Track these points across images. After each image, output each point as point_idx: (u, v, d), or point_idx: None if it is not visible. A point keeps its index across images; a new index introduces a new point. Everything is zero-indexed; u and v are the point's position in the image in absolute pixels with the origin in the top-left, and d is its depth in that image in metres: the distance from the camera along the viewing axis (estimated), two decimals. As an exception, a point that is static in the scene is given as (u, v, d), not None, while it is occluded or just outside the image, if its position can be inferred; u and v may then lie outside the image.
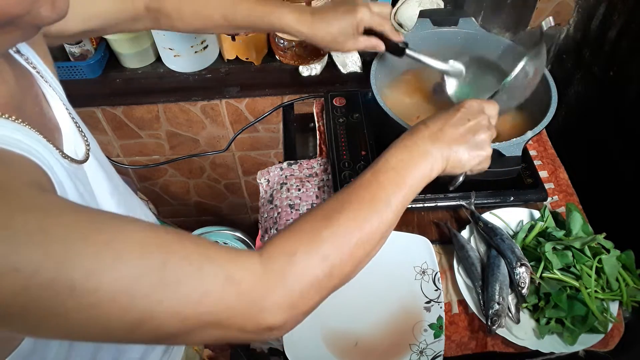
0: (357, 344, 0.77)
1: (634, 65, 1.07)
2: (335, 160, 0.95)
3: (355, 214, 0.49)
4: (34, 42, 0.55)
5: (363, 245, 0.49)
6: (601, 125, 1.21)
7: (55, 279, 0.33)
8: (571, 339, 0.74)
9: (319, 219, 0.49)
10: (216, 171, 1.63)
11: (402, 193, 0.53)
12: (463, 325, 0.81)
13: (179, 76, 1.28)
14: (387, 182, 0.53)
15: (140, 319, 0.37)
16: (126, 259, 0.36)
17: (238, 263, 0.42)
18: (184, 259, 0.39)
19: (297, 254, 0.45)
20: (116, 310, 0.36)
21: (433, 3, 1.23)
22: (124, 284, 0.36)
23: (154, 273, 0.37)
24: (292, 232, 0.47)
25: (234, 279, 0.41)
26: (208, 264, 0.40)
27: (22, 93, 0.48)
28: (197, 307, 0.39)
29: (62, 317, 0.35)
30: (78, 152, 0.54)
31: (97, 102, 1.31)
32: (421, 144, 0.57)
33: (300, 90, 1.26)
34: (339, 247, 0.47)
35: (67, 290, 0.33)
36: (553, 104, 0.83)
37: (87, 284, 0.34)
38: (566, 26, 1.32)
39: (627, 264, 0.80)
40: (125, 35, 1.21)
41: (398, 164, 0.55)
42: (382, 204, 0.51)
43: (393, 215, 0.52)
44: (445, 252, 0.89)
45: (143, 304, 0.37)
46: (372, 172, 0.54)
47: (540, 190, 0.92)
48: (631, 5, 1.07)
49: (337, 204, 0.50)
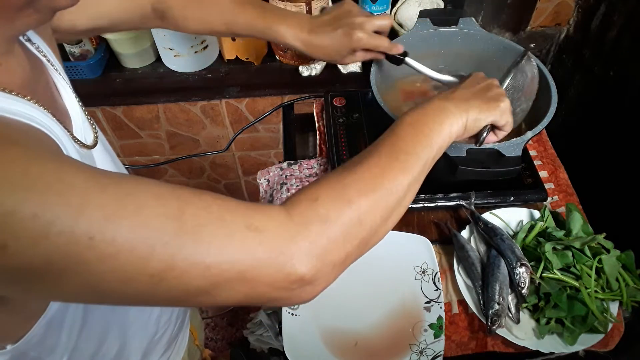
0: (357, 344, 0.77)
1: (634, 65, 1.07)
2: (335, 160, 0.95)
3: (376, 163, 0.49)
4: (44, 35, 0.56)
5: (389, 193, 0.47)
6: (601, 125, 1.21)
7: (74, 227, 0.33)
8: (571, 339, 0.74)
9: (339, 172, 0.48)
10: (216, 171, 1.63)
11: (422, 144, 0.52)
12: (463, 325, 0.81)
13: (179, 76, 1.28)
14: (404, 134, 0.53)
15: (162, 269, 0.36)
16: (144, 208, 0.36)
17: (259, 212, 0.41)
18: (202, 209, 0.39)
19: (320, 199, 0.44)
20: (136, 259, 0.35)
21: (433, 3, 1.23)
22: (142, 233, 0.35)
23: (172, 222, 0.37)
24: (313, 184, 0.47)
25: (256, 226, 0.40)
26: (228, 213, 0.40)
27: (36, 78, 0.49)
28: (219, 256, 0.38)
29: (83, 270, 0.34)
30: (87, 138, 0.55)
31: (97, 102, 1.31)
32: (435, 102, 0.58)
33: (300, 90, 1.26)
34: (363, 192, 0.46)
35: (86, 239, 0.33)
36: (553, 104, 0.83)
37: (106, 233, 0.34)
38: (566, 26, 1.32)
39: (627, 264, 0.80)
40: (125, 35, 1.21)
41: (413, 119, 0.55)
42: (402, 153, 0.50)
43: (416, 164, 0.51)
44: (445, 252, 0.89)
45: (163, 252, 0.36)
46: (388, 131, 0.54)
47: (540, 190, 0.92)
48: (631, 5, 1.07)
49: (357, 159, 0.50)
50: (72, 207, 0.33)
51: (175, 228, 0.37)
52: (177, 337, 0.77)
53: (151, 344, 0.69)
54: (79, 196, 0.34)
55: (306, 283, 0.42)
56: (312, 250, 0.42)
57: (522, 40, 1.32)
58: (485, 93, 0.62)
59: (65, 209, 0.33)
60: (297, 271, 0.41)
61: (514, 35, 1.31)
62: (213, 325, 1.84)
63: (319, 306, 0.80)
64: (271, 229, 0.41)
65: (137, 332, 0.64)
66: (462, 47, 0.97)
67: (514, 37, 1.31)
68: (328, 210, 0.43)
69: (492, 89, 0.63)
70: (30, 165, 0.33)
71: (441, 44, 0.96)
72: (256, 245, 0.39)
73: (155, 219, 0.36)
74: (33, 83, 0.48)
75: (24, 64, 0.47)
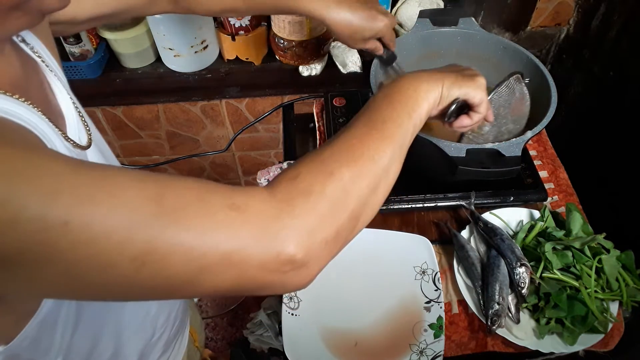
0: (357, 344, 0.77)
1: (634, 65, 1.07)
2: (335, 160, 0.95)
3: (353, 134, 0.48)
4: (40, 33, 0.55)
5: (371, 161, 0.46)
6: (601, 125, 1.21)
7: (46, 213, 0.31)
8: (571, 339, 0.74)
9: (317, 149, 0.47)
10: (216, 171, 1.63)
11: (398, 110, 0.52)
12: (463, 325, 0.81)
13: (179, 76, 1.28)
14: (379, 106, 0.52)
15: (141, 253, 0.35)
16: (121, 190, 0.35)
17: (240, 192, 0.40)
18: (182, 189, 0.37)
19: (300, 175, 0.43)
20: (114, 244, 0.34)
21: (433, 3, 1.23)
22: (119, 216, 0.34)
23: (151, 204, 0.35)
24: (293, 164, 0.46)
25: (238, 206, 0.38)
26: (208, 194, 0.38)
27: (27, 79, 0.49)
28: (201, 238, 0.36)
29: (57, 258, 0.33)
30: (81, 139, 0.55)
31: (97, 102, 1.31)
32: (407, 75, 0.58)
33: (300, 90, 1.26)
34: (344, 162, 0.44)
35: (60, 226, 0.32)
36: (553, 104, 0.83)
37: (81, 217, 0.32)
38: (566, 26, 1.32)
39: (627, 264, 0.80)
40: (125, 35, 1.21)
41: (385, 92, 0.54)
42: (379, 122, 0.50)
43: (396, 130, 0.50)
44: (445, 252, 0.89)
45: (142, 236, 0.34)
46: (364, 107, 0.54)
47: (540, 190, 0.92)
48: (631, 5, 1.07)
49: (333, 138, 0.49)
50: (44, 192, 0.31)
51: (154, 210, 0.35)
52: (175, 338, 0.76)
53: (148, 345, 0.68)
54: (51, 180, 0.32)
55: (299, 264, 0.40)
56: (298, 226, 0.40)
57: (522, 40, 1.32)
58: (461, 71, 0.62)
59: (37, 194, 0.31)
60: (286, 250, 0.39)
61: (514, 35, 1.32)
62: (213, 325, 1.84)
63: (319, 306, 0.80)
64: (254, 207, 0.39)
65: (133, 334, 0.64)
66: (462, 47, 0.97)
67: (514, 37, 1.31)
68: (310, 184, 0.42)
69: (469, 70, 0.63)
70: (3, 150, 0.32)
71: (441, 44, 0.96)
72: (239, 224, 0.38)
73: (133, 201, 0.35)
74: (24, 83, 0.47)
75: (15, 64, 0.47)
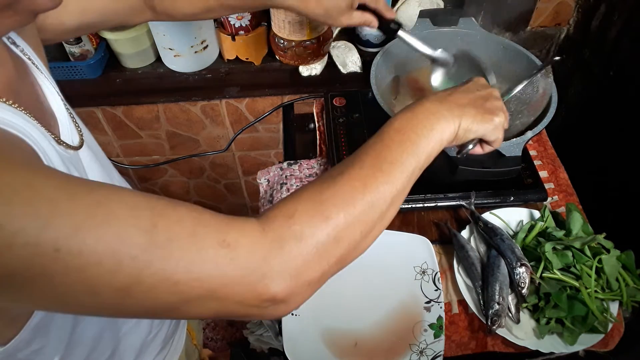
0: (357, 344, 0.77)
1: (634, 65, 1.07)
2: (335, 160, 0.95)
3: (357, 174, 0.46)
4: (28, 37, 0.55)
5: (371, 207, 0.45)
6: (601, 125, 1.21)
7: (39, 238, 0.32)
8: (571, 339, 0.74)
9: (319, 182, 0.46)
10: (216, 171, 1.63)
11: (407, 152, 0.50)
12: (463, 325, 0.81)
13: (179, 76, 1.28)
14: (390, 141, 0.50)
15: (129, 283, 0.35)
16: (114, 219, 0.35)
17: (233, 227, 0.40)
18: (175, 223, 0.37)
19: (296, 214, 0.42)
20: (102, 272, 0.34)
21: (433, 3, 1.23)
22: (110, 246, 0.34)
23: (143, 235, 0.35)
24: (291, 196, 0.45)
25: (228, 243, 0.38)
26: (201, 227, 0.38)
27: (19, 79, 0.49)
28: (189, 273, 0.37)
29: (47, 281, 0.33)
30: (73, 139, 0.55)
31: (97, 102, 1.31)
32: (428, 105, 0.54)
33: (300, 90, 1.26)
34: (342, 207, 0.43)
35: (52, 251, 0.32)
36: (553, 104, 0.83)
37: (72, 245, 0.33)
38: (566, 26, 1.32)
39: (627, 264, 0.80)
40: (125, 35, 1.21)
41: (402, 124, 0.52)
42: (387, 162, 0.48)
43: (402, 175, 0.48)
44: (445, 252, 0.89)
45: (131, 266, 0.35)
46: (375, 136, 0.52)
47: (540, 190, 0.92)
48: (631, 5, 1.07)
49: (339, 168, 0.48)
50: (39, 218, 0.32)
51: (146, 241, 0.35)
52: (172, 336, 0.77)
53: (145, 343, 0.68)
54: (46, 206, 0.33)
55: (279, 301, 0.41)
56: (285, 269, 0.40)
57: (522, 40, 1.32)
58: (483, 102, 0.58)
59: (32, 220, 0.32)
60: (269, 290, 0.39)
61: (514, 35, 1.31)
62: (213, 325, 1.84)
63: (319, 306, 0.80)
64: (244, 246, 0.39)
65: (131, 331, 0.64)
66: (462, 47, 0.97)
67: (514, 37, 1.31)
68: (303, 228, 0.41)
69: (491, 99, 0.59)
70: (1, 173, 0.32)
71: (441, 44, 0.96)
72: (227, 262, 0.38)
73: (125, 231, 0.35)
74: (17, 85, 0.47)
75: (7, 66, 0.46)
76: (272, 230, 0.41)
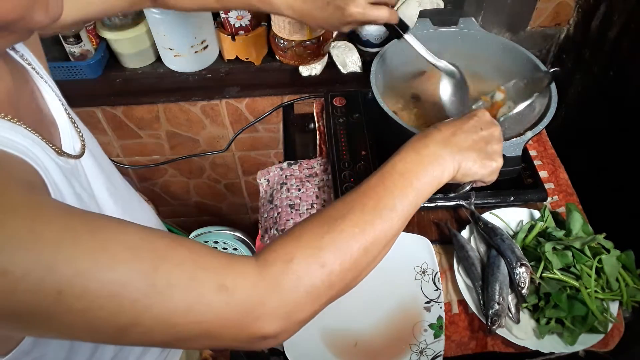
0: (357, 344, 0.77)
1: (634, 65, 1.07)
2: (335, 160, 0.95)
3: (358, 220, 0.47)
4: (28, 41, 0.55)
5: (366, 253, 0.47)
6: (601, 126, 1.21)
7: (43, 283, 0.33)
8: (571, 339, 0.74)
9: (319, 224, 0.47)
10: (216, 171, 1.63)
11: (408, 199, 0.51)
12: (463, 325, 0.81)
13: (179, 76, 1.28)
14: (393, 186, 0.51)
15: (128, 324, 0.37)
16: (117, 263, 0.36)
17: (232, 270, 0.41)
18: (176, 266, 0.38)
19: (295, 260, 0.43)
20: (104, 315, 0.35)
21: (433, 3, 1.23)
22: (112, 289, 0.35)
23: (144, 279, 0.37)
24: (291, 237, 0.46)
25: (227, 287, 0.40)
26: (201, 271, 0.40)
27: (18, 89, 0.48)
28: (187, 316, 0.38)
29: (49, 320, 0.34)
30: (75, 146, 0.55)
31: (97, 102, 1.31)
32: (432, 147, 0.55)
33: (300, 90, 1.26)
34: (339, 254, 0.45)
35: (55, 294, 0.33)
36: (553, 104, 0.83)
37: (75, 288, 0.34)
38: (566, 26, 1.32)
39: (627, 264, 0.80)
40: (125, 35, 1.21)
41: (405, 167, 0.53)
42: (387, 209, 0.49)
43: (399, 221, 0.50)
44: (445, 252, 0.89)
45: (131, 309, 0.36)
46: (378, 175, 0.52)
47: (540, 190, 0.92)
48: (631, 5, 1.07)
49: (340, 209, 0.49)
50: (42, 264, 0.33)
51: (147, 286, 0.37)
52: None
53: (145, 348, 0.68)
54: (50, 251, 0.33)
55: (270, 338, 0.43)
56: (279, 313, 0.42)
57: (522, 40, 1.32)
58: (484, 146, 0.58)
59: (35, 266, 0.33)
60: (262, 331, 0.42)
61: (514, 35, 1.31)
62: (213, 325, 1.83)
63: (319, 306, 0.80)
64: (242, 291, 0.40)
65: None
66: (462, 47, 0.97)
67: (514, 37, 1.31)
68: (301, 275, 0.43)
69: (493, 142, 0.59)
70: (3, 216, 0.33)
71: (441, 44, 0.96)
72: (224, 306, 0.40)
73: (127, 276, 0.36)
74: (16, 96, 0.47)
75: (6, 78, 0.46)
76: (269, 274, 0.42)
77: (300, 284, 0.43)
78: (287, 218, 0.94)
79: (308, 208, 0.96)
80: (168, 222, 1.72)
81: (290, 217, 0.94)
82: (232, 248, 1.64)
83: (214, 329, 0.40)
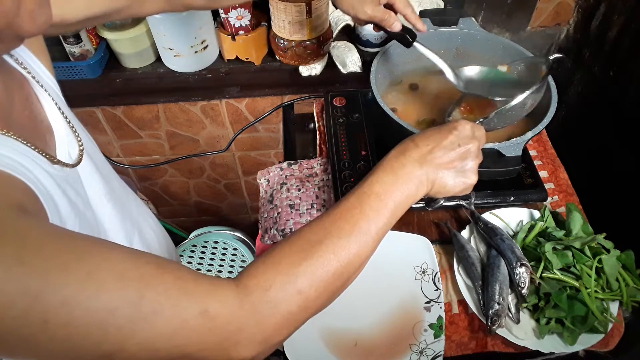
0: (357, 344, 0.77)
1: (634, 65, 1.07)
2: (335, 160, 0.95)
3: (334, 246, 0.49)
4: (30, 44, 0.55)
5: (340, 277, 0.49)
6: (601, 126, 1.21)
7: (29, 312, 0.33)
8: (571, 339, 0.74)
9: (297, 250, 0.48)
10: (216, 171, 1.63)
11: (383, 220, 0.53)
12: (463, 325, 0.81)
13: (179, 76, 1.28)
14: (369, 209, 0.52)
15: (113, 351, 0.37)
16: (103, 291, 0.36)
17: (215, 295, 0.42)
18: (161, 294, 0.39)
19: (272, 288, 0.45)
20: (89, 342, 0.36)
21: (433, 3, 1.23)
22: (98, 317, 0.36)
23: (130, 307, 0.37)
24: (270, 263, 0.47)
25: (209, 313, 0.41)
26: (185, 298, 0.41)
27: (11, 98, 0.48)
28: (169, 341, 0.39)
29: (34, 347, 0.35)
30: (72, 153, 0.54)
31: (97, 102, 1.31)
32: (409, 167, 0.56)
33: (300, 90, 1.26)
34: (315, 280, 0.47)
35: (40, 323, 0.34)
36: (553, 104, 0.83)
37: (60, 317, 0.34)
38: (566, 26, 1.32)
39: (627, 264, 0.80)
40: (125, 35, 1.21)
41: (382, 188, 0.54)
42: (362, 233, 0.51)
43: (374, 243, 0.52)
44: (445, 252, 0.89)
45: (116, 336, 0.37)
46: (356, 195, 0.54)
47: (540, 190, 0.92)
48: (631, 5, 1.07)
49: (317, 233, 0.50)
50: (29, 294, 0.33)
51: (132, 313, 0.37)
52: None
53: None
54: (37, 281, 0.34)
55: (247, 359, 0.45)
56: (257, 338, 0.44)
57: (522, 40, 1.32)
58: (461, 162, 0.58)
59: (22, 296, 0.33)
60: (240, 354, 0.43)
61: (514, 35, 1.32)
62: (213, 325, 1.83)
63: (319, 306, 0.80)
64: (223, 317, 0.42)
65: None
66: (462, 47, 0.98)
67: (514, 37, 1.31)
68: (278, 302, 0.45)
69: (469, 158, 0.59)
70: None
71: (441, 44, 0.96)
72: (206, 331, 0.41)
73: (113, 304, 0.36)
74: (7, 106, 0.47)
75: None
76: (249, 302, 0.44)
77: (278, 311, 0.45)
78: (287, 218, 0.94)
79: (308, 208, 0.96)
80: (168, 222, 1.72)
81: (290, 217, 0.94)
82: (232, 248, 1.64)
83: (195, 353, 0.41)
